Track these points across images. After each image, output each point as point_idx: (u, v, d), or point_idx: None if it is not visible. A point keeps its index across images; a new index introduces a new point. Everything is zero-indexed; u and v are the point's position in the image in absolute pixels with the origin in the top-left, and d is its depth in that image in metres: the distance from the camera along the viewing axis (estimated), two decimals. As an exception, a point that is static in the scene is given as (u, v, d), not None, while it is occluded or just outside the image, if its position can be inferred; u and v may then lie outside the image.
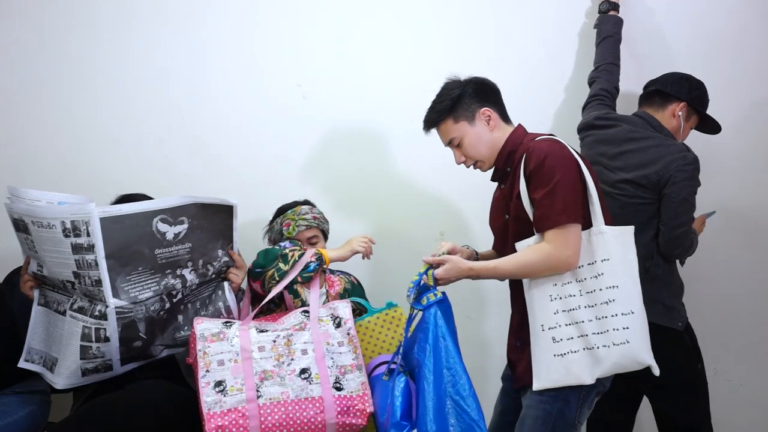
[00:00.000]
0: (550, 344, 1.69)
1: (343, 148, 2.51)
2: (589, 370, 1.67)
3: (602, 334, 1.65)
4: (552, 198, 1.64)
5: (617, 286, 1.65)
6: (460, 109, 1.80)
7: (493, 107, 1.81)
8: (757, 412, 2.64)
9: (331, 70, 2.49)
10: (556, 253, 1.65)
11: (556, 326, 1.69)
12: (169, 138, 2.44)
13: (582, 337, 1.67)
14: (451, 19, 2.52)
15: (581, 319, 1.68)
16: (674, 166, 2.03)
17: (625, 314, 1.64)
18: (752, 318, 2.60)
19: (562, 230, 1.64)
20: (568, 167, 1.67)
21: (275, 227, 2.17)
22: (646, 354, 1.65)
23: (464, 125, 1.81)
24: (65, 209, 1.66)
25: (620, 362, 1.65)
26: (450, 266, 1.73)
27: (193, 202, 1.78)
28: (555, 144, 1.71)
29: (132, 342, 1.77)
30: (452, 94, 1.81)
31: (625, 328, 1.64)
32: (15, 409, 1.93)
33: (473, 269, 1.72)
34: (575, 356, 1.67)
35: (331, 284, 2.17)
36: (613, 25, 2.42)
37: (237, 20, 2.46)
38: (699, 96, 2.20)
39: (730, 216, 2.55)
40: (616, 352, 1.64)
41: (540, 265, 1.67)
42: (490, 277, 1.75)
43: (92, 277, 1.68)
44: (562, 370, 1.68)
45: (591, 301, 1.67)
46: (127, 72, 2.42)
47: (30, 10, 2.39)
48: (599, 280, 1.67)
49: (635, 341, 1.64)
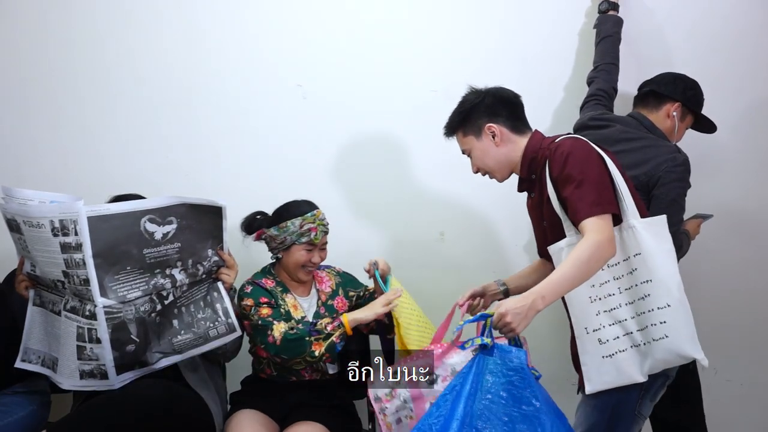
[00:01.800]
0: (597, 346, 1.68)
1: (343, 148, 2.51)
2: (639, 367, 1.66)
3: (643, 330, 1.65)
4: (581, 191, 1.62)
5: (651, 281, 1.64)
6: (468, 123, 1.83)
7: (503, 122, 1.81)
8: (757, 412, 2.63)
9: (331, 70, 2.49)
10: (599, 236, 1.57)
11: (600, 327, 1.69)
12: (169, 138, 2.44)
13: (627, 335, 1.67)
14: (451, 18, 2.52)
15: (623, 318, 1.67)
16: (663, 167, 2.02)
17: (661, 308, 1.63)
18: (752, 318, 2.59)
19: (598, 219, 1.60)
20: (593, 161, 1.66)
21: (289, 229, 2.08)
22: (690, 346, 1.63)
23: (472, 139, 1.84)
24: (53, 208, 1.66)
25: (664, 357, 1.64)
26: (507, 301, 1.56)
27: (182, 203, 1.78)
28: (576, 141, 1.70)
29: (125, 346, 1.76)
30: (464, 107, 1.84)
31: (663, 323, 1.63)
32: (15, 409, 1.94)
33: (533, 292, 1.55)
34: (624, 355, 1.67)
35: (320, 281, 2.19)
36: (612, 25, 2.42)
37: (237, 20, 2.46)
38: (694, 96, 2.18)
39: (729, 216, 2.53)
40: (658, 348, 1.64)
41: (593, 253, 1.56)
42: (556, 292, 1.58)
43: (80, 277, 1.69)
44: (614, 371, 1.67)
45: (630, 297, 1.67)
46: (127, 72, 2.44)
47: (30, 10, 2.39)
48: (634, 275, 1.66)
49: (675, 335, 1.62)
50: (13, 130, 2.41)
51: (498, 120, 1.81)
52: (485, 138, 1.82)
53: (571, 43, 2.56)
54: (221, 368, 2.22)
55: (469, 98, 1.85)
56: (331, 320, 1.99)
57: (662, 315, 1.63)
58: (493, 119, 1.81)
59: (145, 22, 2.43)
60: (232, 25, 2.46)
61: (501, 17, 2.52)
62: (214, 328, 1.93)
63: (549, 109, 2.55)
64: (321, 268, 2.22)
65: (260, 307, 2.04)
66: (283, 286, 2.14)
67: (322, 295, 2.17)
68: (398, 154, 2.52)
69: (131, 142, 2.44)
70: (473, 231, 2.55)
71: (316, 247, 2.10)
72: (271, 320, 2.01)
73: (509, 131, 1.81)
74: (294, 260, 2.09)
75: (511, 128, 1.81)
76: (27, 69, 2.41)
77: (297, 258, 2.09)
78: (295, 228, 2.07)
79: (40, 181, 2.30)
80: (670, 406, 2.17)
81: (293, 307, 2.11)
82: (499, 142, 1.81)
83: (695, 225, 2.24)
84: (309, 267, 2.11)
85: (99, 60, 2.42)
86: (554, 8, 2.53)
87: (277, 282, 2.14)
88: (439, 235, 2.55)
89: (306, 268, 2.11)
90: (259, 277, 2.15)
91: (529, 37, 2.55)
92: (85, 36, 2.42)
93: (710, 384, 2.46)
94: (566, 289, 1.59)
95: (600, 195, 1.62)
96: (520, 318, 1.51)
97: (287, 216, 2.10)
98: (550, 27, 2.55)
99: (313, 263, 2.10)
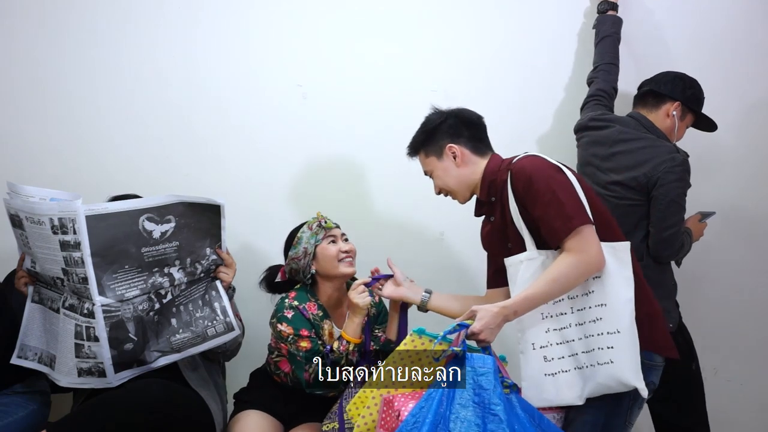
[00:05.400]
0: (541, 363, 1.67)
1: (344, 148, 2.51)
2: (579, 390, 1.64)
3: (589, 352, 1.63)
4: (555, 207, 1.61)
5: (605, 305, 1.62)
6: (430, 144, 1.84)
7: (465, 143, 1.81)
8: (757, 412, 2.63)
9: (331, 70, 2.49)
10: (582, 256, 1.59)
11: (548, 345, 1.67)
12: (169, 138, 2.45)
13: (573, 356, 1.65)
14: (451, 19, 2.52)
15: (572, 338, 1.65)
16: (662, 167, 2.02)
17: (610, 333, 1.61)
18: (752, 318, 2.59)
19: (578, 233, 1.60)
20: (556, 175, 1.66)
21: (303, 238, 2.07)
22: (632, 375, 1.60)
23: (433, 160, 1.85)
24: (53, 206, 1.67)
25: (606, 383, 1.62)
26: (482, 314, 1.58)
27: (180, 201, 1.79)
28: (535, 159, 1.71)
29: (123, 344, 1.77)
30: (426, 128, 1.85)
31: (610, 348, 1.61)
32: (15, 409, 1.94)
33: (507, 306, 1.59)
34: (566, 376, 1.65)
35: None
36: (611, 25, 2.42)
37: (237, 20, 2.47)
38: (693, 95, 2.18)
39: (730, 216, 2.54)
40: (601, 372, 1.61)
41: (573, 272, 1.60)
42: (528, 308, 1.62)
43: (79, 275, 1.70)
44: (553, 390, 1.65)
45: (581, 319, 1.65)
46: (127, 72, 2.43)
47: (30, 10, 2.40)
48: (589, 297, 1.64)
49: (620, 361, 1.60)
50: (12, 129, 2.41)
51: (459, 141, 1.81)
52: (446, 159, 1.82)
53: (570, 44, 2.56)
54: (221, 367, 2.22)
55: (432, 119, 1.86)
56: (339, 342, 1.97)
57: (610, 340, 1.61)
58: (454, 140, 1.81)
59: (145, 22, 2.43)
60: (232, 25, 2.47)
61: (501, 17, 2.53)
62: (213, 327, 1.93)
63: (549, 109, 2.56)
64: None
65: (299, 339, 1.98)
66: (324, 311, 2.07)
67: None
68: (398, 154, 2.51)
69: (131, 142, 2.44)
70: (473, 231, 2.54)
71: (338, 238, 2.08)
72: (310, 356, 1.97)
73: (470, 152, 1.81)
74: (328, 258, 2.04)
75: (473, 149, 1.82)
76: (27, 68, 2.41)
77: (328, 255, 2.04)
78: (307, 234, 2.07)
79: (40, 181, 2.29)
80: (673, 407, 2.17)
81: (329, 334, 2.05)
82: (460, 163, 1.81)
83: (695, 221, 2.23)
84: (345, 258, 2.06)
85: (99, 59, 2.42)
86: (553, 8, 2.53)
87: (319, 305, 2.07)
88: (439, 235, 2.55)
89: (344, 261, 2.06)
90: (303, 300, 2.06)
91: (529, 37, 2.55)
92: (85, 36, 2.42)
93: (710, 384, 2.46)
94: (539, 305, 1.63)
95: (572, 207, 1.61)
96: (493, 332, 1.58)
97: (294, 233, 2.11)
98: (550, 27, 2.56)
99: (346, 251, 2.06)
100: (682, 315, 2.25)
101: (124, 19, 2.43)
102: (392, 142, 2.52)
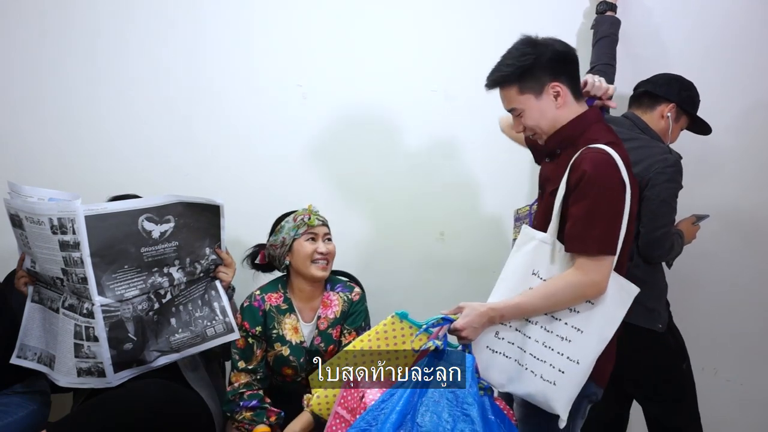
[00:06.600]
0: (490, 335, 1.62)
1: (344, 147, 2.51)
2: (505, 380, 1.61)
3: (539, 361, 1.58)
4: (591, 220, 1.53)
5: (582, 332, 1.57)
6: (528, 80, 1.62)
7: (566, 81, 1.63)
8: (757, 412, 2.62)
9: (331, 70, 2.49)
10: (586, 280, 1.54)
11: (507, 326, 1.62)
12: (169, 138, 2.45)
13: (520, 350, 1.60)
14: (450, 19, 2.52)
15: (530, 336, 1.60)
16: (654, 168, 2.00)
17: (571, 360, 1.56)
18: (752, 318, 2.59)
19: (596, 259, 1.54)
20: (615, 192, 1.54)
21: (285, 227, 2.07)
22: (562, 405, 1.56)
23: (530, 98, 1.63)
24: (53, 206, 1.68)
25: (534, 395, 1.58)
26: (468, 311, 1.57)
27: (179, 201, 1.79)
28: (609, 163, 1.55)
29: (122, 344, 1.77)
30: (523, 62, 1.61)
31: (561, 372, 1.56)
32: (15, 409, 1.95)
33: (495, 309, 1.57)
34: (504, 361, 1.61)
35: (327, 305, 2.09)
36: (609, 26, 2.42)
37: (237, 20, 2.47)
38: (689, 97, 2.17)
39: (728, 217, 2.53)
40: (538, 384, 1.57)
41: (568, 295, 1.56)
42: (516, 316, 1.60)
43: (78, 275, 1.70)
44: (484, 364, 1.61)
45: (550, 326, 1.59)
46: (127, 72, 2.43)
47: (29, 10, 2.40)
48: (571, 315, 1.58)
49: (561, 388, 1.56)
50: (12, 129, 2.41)
51: (561, 79, 1.62)
52: (546, 97, 1.62)
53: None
54: (221, 367, 2.22)
55: (528, 48, 1.63)
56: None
57: (566, 366, 1.56)
58: (557, 77, 1.62)
59: (145, 21, 2.43)
60: (233, 25, 2.47)
61: (500, 17, 2.52)
62: (212, 327, 1.93)
63: (548, 109, 2.55)
64: (336, 290, 2.11)
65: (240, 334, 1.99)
66: (289, 304, 2.06)
67: (324, 321, 2.07)
68: (398, 154, 2.52)
69: (131, 142, 2.44)
70: (473, 231, 2.55)
71: (318, 236, 2.05)
72: (237, 359, 2.01)
73: (570, 93, 1.64)
74: (302, 256, 2.03)
75: (573, 90, 1.65)
76: (26, 68, 2.41)
77: (303, 252, 2.02)
78: (290, 225, 2.06)
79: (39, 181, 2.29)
80: (665, 407, 2.17)
81: (293, 329, 2.04)
82: (561, 104, 1.63)
83: (689, 223, 2.22)
84: (319, 259, 2.03)
85: (99, 59, 2.42)
86: (553, 9, 2.53)
87: (285, 298, 2.07)
88: (439, 235, 2.55)
89: (317, 263, 2.03)
90: (268, 290, 2.08)
91: (528, 37, 2.55)
92: (84, 35, 2.42)
93: (710, 384, 2.47)
94: (527, 316, 1.60)
95: (607, 233, 1.53)
96: (476, 331, 1.57)
97: (280, 220, 2.11)
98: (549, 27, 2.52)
99: (321, 253, 2.02)
100: (682, 315, 2.26)
101: (124, 19, 2.43)
102: (392, 142, 2.53)
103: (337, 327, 2.07)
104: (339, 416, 1.66)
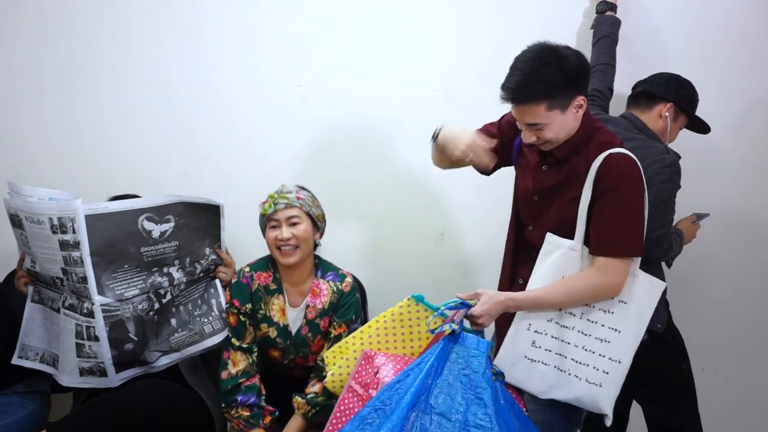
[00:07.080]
0: (527, 345, 1.66)
1: (344, 148, 2.51)
2: (547, 387, 1.65)
3: (582, 365, 1.63)
4: (621, 225, 1.58)
5: (620, 331, 1.63)
6: (559, 97, 1.58)
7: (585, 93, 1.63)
8: (757, 412, 2.62)
9: (331, 70, 2.49)
10: (606, 281, 1.59)
11: (543, 333, 1.66)
12: (169, 138, 2.45)
13: (560, 357, 1.65)
14: (451, 19, 2.52)
15: (569, 341, 1.64)
16: (652, 168, 1.99)
17: (612, 360, 1.63)
18: (752, 318, 2.59)
19: (616, 261, 1.59)
20: (641, 197, 1.61)
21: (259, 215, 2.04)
22: (608, 404, 1.63)
23: (557, 113, 1.59)
24: (53, 206, 1.68)
25: (581, 399, 1.64)
26: (486, 299, 1.59)
27: (179, 201, 1.79)
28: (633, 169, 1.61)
29: (123, 344, 1.77)
30: (556, 81, 1.56)
31: (606, 373, 1.62)
32: (15, 409, 1.95)
33: (513, 299, 1.61)
34: (544, 368, 1.65)
35: (317, 293, 2.04)
36: (609, 26, 2.42)
37: (237, 20, 2.46)
38: (687, 96, 2.16)
39: (728, 217, 2.53)
40: (582, 387, 1.63)
41: (588, 294, 1.61)
42: (532, 308, 1.65)
43: (78, 274, 1.70)
44: (524, 374, 1.66)
45: (588, 329, 1.64)
46: (127, 72, 2.43)
47: (29, 9, 2.40)
48: (606, 316, 1.64)
49: (607, 388, 1.62)
50: (12, 129, 2.41)
51: (583, 91, 1.62)
52: (570, 112, 1.60)
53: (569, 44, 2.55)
54: (221, 367, 2.22)
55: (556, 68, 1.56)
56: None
57: (609, 366, 1.62)
58: (582, 92, 1.60)
59: (145, 21, 2.43)
60: (232, 25, 2.47)
61: (500, 17, 2.52)
62: (209, 323, 1.93)
63: (547, 109, 2.55)
64: (327, 278, 2.05)
65: (230, 313, 1.98)
66: (278, 285, 2.03)
67: (312, 311, 2.02)
68: (398, 154, 2.52)
69: (131, 142, 2.44)
70: (473, 231, 2.55)
71: (281, 222, 1.97)
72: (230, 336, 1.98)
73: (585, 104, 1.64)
74: (268, 244, 1.99)
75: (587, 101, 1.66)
76: (26, 68, 2.41)
77: (268, 241, 1.99)
78: (259, 212, 2.03)
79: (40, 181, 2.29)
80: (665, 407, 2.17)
81: (280, 311, 2.01)
82: (579, 116, 1.63)
83: (688, 222, 2.22)
84: (283, 246, 1.96)
85: (98, 58, 2.42)
86: (553, 9, 2.53)
87: (274, 278, 2.03)
88: (439, 235, 2.55)
89: (281, 249, 1.96)
90: (258, 268, 2.04)
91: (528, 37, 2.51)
92: (85, 36, 2.42)
93: (710, 384, 2.47)
94: (544, 310, 1.64)
95: (635, 239, 1.59)
96: (491, 318, 1.60)
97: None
98: (549, 27, 2.53)
99: (281, 240, 1.95)
100: (683, 315, 2.26)
101: (124, 19, 2.43)
102: (392, 142, 2.53)
103: (326, 318, 2.03)
104: (352, 390, 1.68)
